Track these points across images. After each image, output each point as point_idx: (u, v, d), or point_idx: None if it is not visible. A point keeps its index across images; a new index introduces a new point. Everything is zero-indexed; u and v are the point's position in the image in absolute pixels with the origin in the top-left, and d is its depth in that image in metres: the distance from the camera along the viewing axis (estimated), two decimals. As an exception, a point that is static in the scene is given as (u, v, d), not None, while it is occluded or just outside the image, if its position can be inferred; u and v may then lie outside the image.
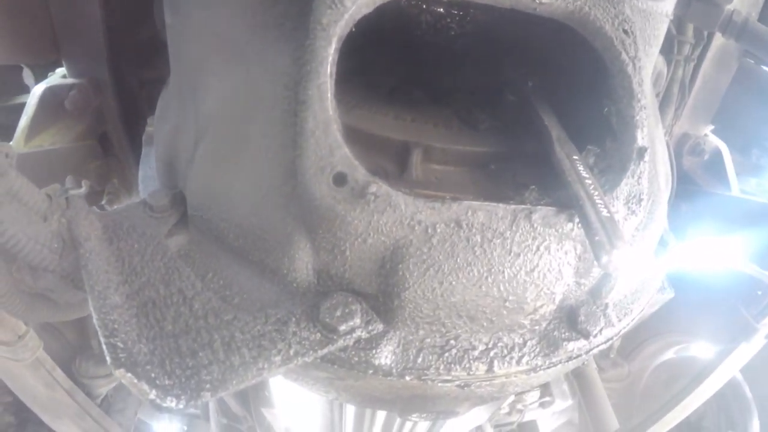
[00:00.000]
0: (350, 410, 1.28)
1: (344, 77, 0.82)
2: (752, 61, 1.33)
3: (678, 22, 1.21)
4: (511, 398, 1.77)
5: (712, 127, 1.44)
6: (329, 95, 0.57)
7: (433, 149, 0.75)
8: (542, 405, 1.94)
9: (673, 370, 1.97)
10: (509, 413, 1.98)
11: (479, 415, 1.33)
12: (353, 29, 0.59)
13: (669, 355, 1.96)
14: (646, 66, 0.83)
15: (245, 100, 0.66)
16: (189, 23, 0.74)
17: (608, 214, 0.55)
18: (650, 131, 0.78)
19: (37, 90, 1.23)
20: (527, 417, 1.96)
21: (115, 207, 0.78)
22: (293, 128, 0.58)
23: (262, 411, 1.64)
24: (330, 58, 0.56)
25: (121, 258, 0.69)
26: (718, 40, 1.25)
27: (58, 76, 1.29)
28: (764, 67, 1.31)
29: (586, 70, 0.75)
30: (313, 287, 0.63)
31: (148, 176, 0.93)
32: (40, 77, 1.36)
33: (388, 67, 0.92)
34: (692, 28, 1.24)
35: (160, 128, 0.87)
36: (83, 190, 0.71)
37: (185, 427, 2.18)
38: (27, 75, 1.53)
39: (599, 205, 0.56)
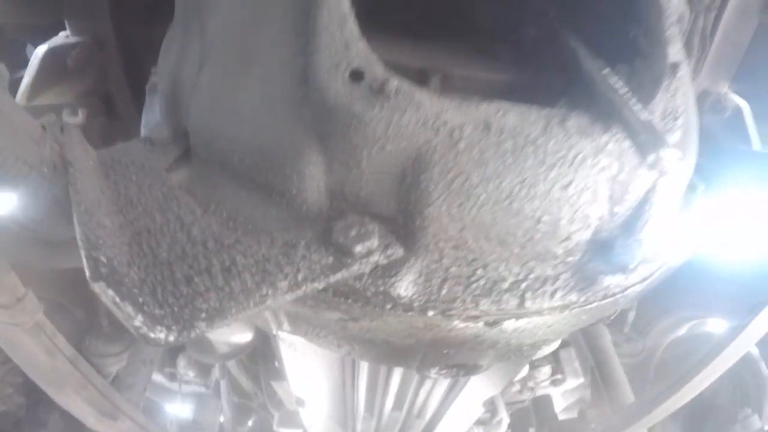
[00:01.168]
0: (363, 378, 1.23)
1: (357, 15, 0.78)
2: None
3: (698, -31, 1.16)
4: (524, 372, 1.72)
5: (734, 87, 1.38)
6: None
7: (453, 77, 0.70)
8: (553, 383, 1.90)
9: (688, 345, 1.92)
10: (520, 391, 1.93)
11: (494, 382, 1.28)
12: None
13: (683, 330, 1.92)
14: None
15: (253, 9, 0.61)
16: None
17: (649, 117, 0.50)
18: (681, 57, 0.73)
19: (39, 51, 1.19)
20: (539, 395, 1.92)
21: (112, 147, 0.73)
22: (306, 33, 0.53)
23: (273, 385, 1.60)
24: None
25: (117, 190, 0.64)
26: (738, -5, 1.19)
27: (61, 37, 1.26)
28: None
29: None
30: (325, 210, 0.57)
31: (150, 121, 0.88)
32: (43, 46, 1.33)
33: (405, 4, 0.87)
34: None
35: (164, 63, 0.82)
36: (79, 118, 0.65)
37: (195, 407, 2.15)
38: (31, 50, 1.50)
39: (637, 110, 0.51)
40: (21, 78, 1.38)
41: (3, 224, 0.64)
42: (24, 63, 1.50)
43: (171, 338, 0.47)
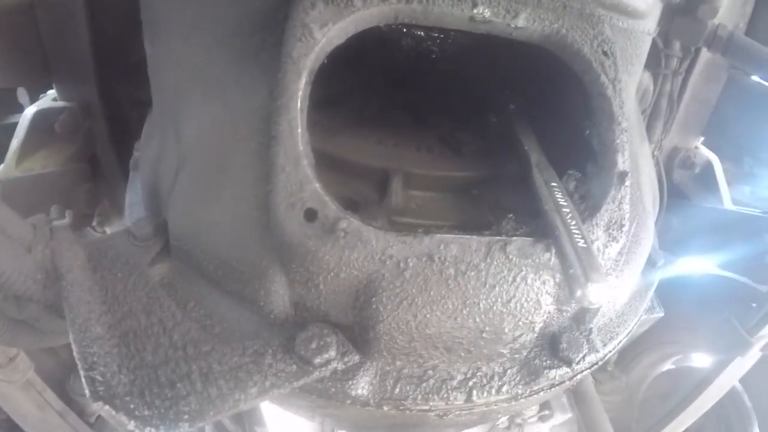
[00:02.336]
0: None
1: (326, 102, 0.83)
2: (741, 72, 1.32)
3: (665, 36, 1.21)
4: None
5: (702, 138, 1.43)
6: (299, 130, 0.57)
7: (414, 175, 0.75)
8: (541, 419, 1.92)
9: (671, 381, 1.95)
10: (508, 428, 1.96)
11: (474, 430, 1.32)
12: (325, 61, 0.59)
13: (666, 366, 1.94)
14: (628, 86, 0.83)
15: (223, 131, 0.67)
16: (168, 54, 0.75)
17: (585, 245, 0.55)
18: (634, 152, 0.77)
19: (28, 113, 1.25)
20: (526, 431, 1.94)
21: (100, 236, 0.79)
22: (267, 162, 0.58)
23: (256, 430, 1.64)
24: (300, 93, 0.56)
25: (104, 287, 0.69)
26: (706, 52, 1.24)
27: (50, 98, 1.31)
28: (753, 78, 1.30)
29: (567, 92, 0.75)
30: (290, 318, 0.63)
31: (134, 202, 0.93)
32: (35, 97, 1.38)
33: (371, 92, 0.92)
34: (678, 42, 1.23)
35: (145, 155, 0.87)
36: (67, 220, 0.71)
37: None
38: (22, 94, 1.55)
39: (576, 236, 0.56)
40: (11, 124, 1.43)
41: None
42: (14, 107, 1.55)
43: None
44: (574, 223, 0.59)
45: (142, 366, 0.59)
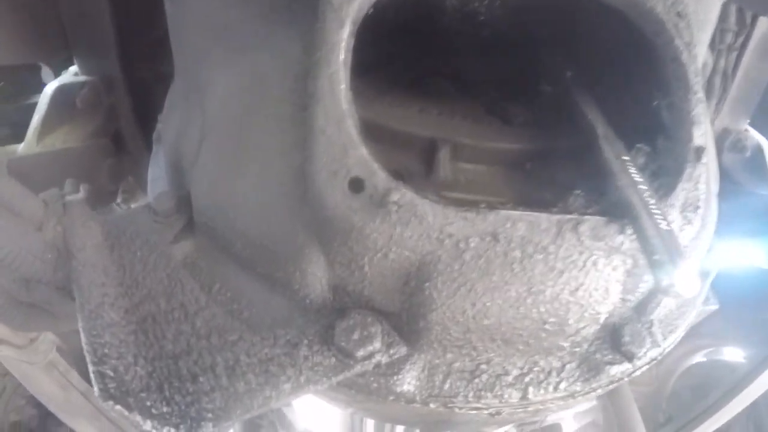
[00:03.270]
0: (370, 427, 1.23)
1: (363, 70, 0.75)
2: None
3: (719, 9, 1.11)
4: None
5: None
6: (343, 86, 0.49)
7: (463, 146, 0.67)
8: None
9: (701, 374, 1.89)
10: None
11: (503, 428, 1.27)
12: (370, 11, 0.51)
13: (697, 358, 1.88)
14: (701, 54, 0.74)
15: (252, 95, 0.60)
16: (189, 11, 0.68)
17: (668, 228, 0.48)
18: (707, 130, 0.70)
19: (49, 89, 1.21)
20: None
21: (118, 212, 0.74)
22: (303, 126, 0.51)
23: (283, 409, 1.61)
24: (343, 44, 0.48)
25: (122, 267, 0.64)
26: (760, 28, 1.14)
27: (71, 73, 1.27)
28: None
29: (633, 58, 0.67)
30: (328, 303, 0.56)
31: (156, 177, 0.87)
32: (59, 74, 1.33)
33: (413, 59, 0.84)
34: (734, 15, 1.14)
35: (167, 127, 0.81)
36: (81, 194, 0.65)
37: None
38: (46, 73, 1.51)
39: (657, 217, 0.48)
40: (34, 104, 1.39)
41: (7, 302, 0.64)
42: (39, 86, 1.51)
43: None
44: (653, 202, 0.51)
45: (161, 356, 0.53)
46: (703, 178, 0.57)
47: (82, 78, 1.18)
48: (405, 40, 0.82)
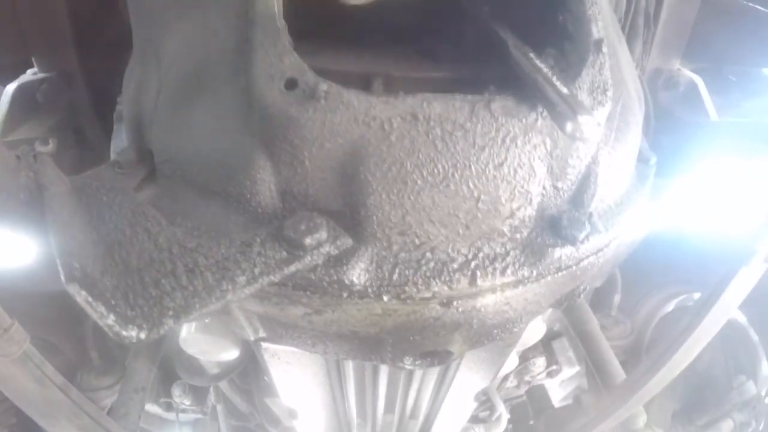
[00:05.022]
0: (350, 383, 1.25)
1: (301, 35, 0.82)
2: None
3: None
4: (515, 364, 1.73)
5: (689, 65, 1.43)
6: (276, 8, 0.56)
7: (394, 78, 0.74)
8: (549, 374, 1.91)
9: (677, 322, 1.95)
10: (517, 386, 1.94)
11: (481, 374, 1.30)
12: None
13: (671, 307, 1.94)
14: None
15: (201, 39, 0.66)
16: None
17: (567, 92, 0.54)
18: (609, 36, 0.77)
19: (9, 89, 1.24)
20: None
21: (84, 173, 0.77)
22: (244, 51, 0.57)
23: (266, 402, 1.61)
24: None
25: (89, 210, 0.67)
26: (678, -31, 1.25)
27: (29, 75, 1.30)
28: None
29: None
30: (279, 211, 0.61)
31: (118, 147, 0.91)
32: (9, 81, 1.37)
33: (344, 16, 0.91)
34: None
35: (126, 92, 0.86)
36: (50, 147, 0.70)
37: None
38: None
39: (558, 85, 0.55)
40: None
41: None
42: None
43: (142, 335, 0.50)
44: (555, 78, 0.58)
45: (126, 272, 0.57)
46: (606, 65, 0.64)
47: (40, 76, 1.22)
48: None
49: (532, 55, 0.63)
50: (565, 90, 0.53)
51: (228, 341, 1.25)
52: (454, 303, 0.64)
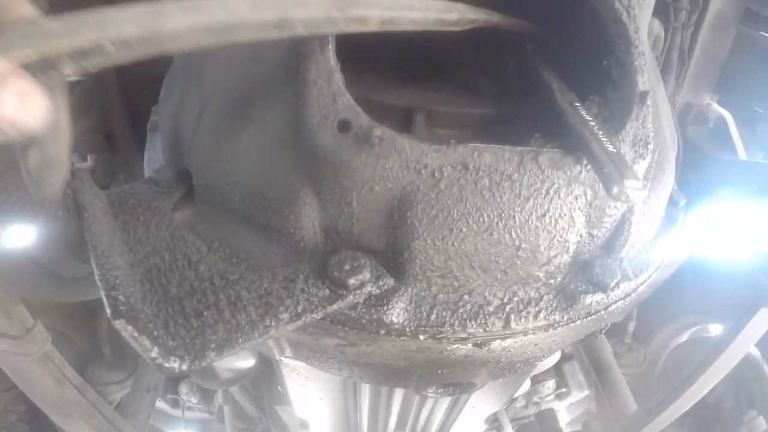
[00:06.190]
0: (365, 399, 1.26)
1: (349, 56, 0.83)
2: (749, 29, 1.32)
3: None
4: (527, 387, 1.73)
5: (717, 97, 1.43)
6: (330, 47, 0.57)
7: (436, 113, 0.74)
8: (558, 396, 1.91)
9: (690, 352, 1.93)
10: (525, 406, 1.94)
11: (495, 399, 1.30)
12: None
13: (684, 337, 1.93)
14: (641, 17, 0.83)
15: (248, 64, 0.67)
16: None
17: (614, 150, 0.55)
18: (651, 81, 0.78)
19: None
20: (544, 409, 1.92)
21: (120, 187, 0.78)
22: (296, 83, 0.58)
23: (276, 409, 1.62)
24: None
25: (126, 230, 0.68)
26: (714, 6, 1.25)
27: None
28: (763, 33, 1.30)
29: (580, 25, 0.76)
30: (320, 246, 0.62)
31: (153, 158, 0.93)
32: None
33: (387, 46, 0.92)
34: None
35: (165, 107, 0.87)
36: (88, 163, 0.71)
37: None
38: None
39: (605, 142, 0.55)
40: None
41: (19, 260, 0.68)
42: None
43: (184, 367, 0.51)
44: (601, 133, 0.58)
45: (166, 299, 0.57)
46: (649, 118, 0.65)
47: (74, 78, 1.23)
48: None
49: (577, 104, 0.64)
50: (611, 148, 0.54)
51: (246, 351, 1.26)
52: (488, 344, 0.65)
